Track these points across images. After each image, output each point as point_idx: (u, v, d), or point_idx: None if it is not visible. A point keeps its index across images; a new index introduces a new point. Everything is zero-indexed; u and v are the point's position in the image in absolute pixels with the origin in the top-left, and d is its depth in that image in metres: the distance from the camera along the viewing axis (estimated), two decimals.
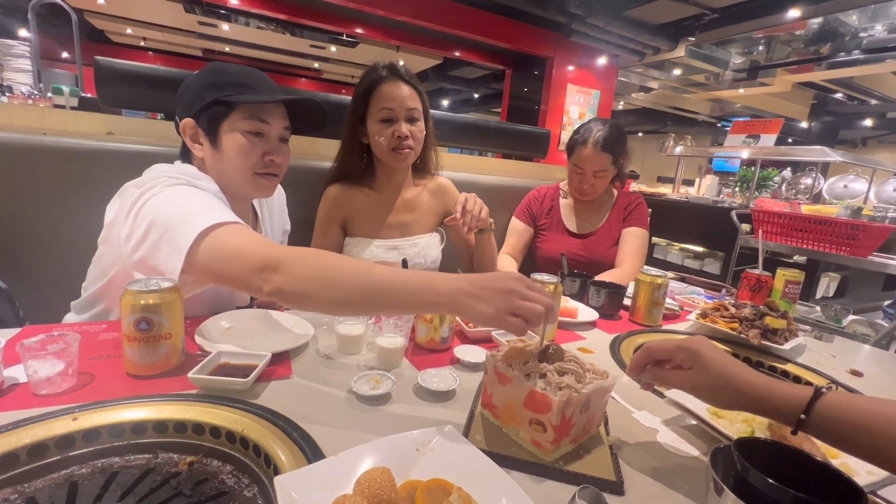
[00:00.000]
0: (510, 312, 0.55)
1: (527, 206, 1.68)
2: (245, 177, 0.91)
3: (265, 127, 0.91)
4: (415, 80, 1.23)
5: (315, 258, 0.65)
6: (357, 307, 0.64)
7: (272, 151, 0.93)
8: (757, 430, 0.58)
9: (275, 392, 0.66)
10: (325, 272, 0.63)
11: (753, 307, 1.07)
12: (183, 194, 0.78)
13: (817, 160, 4.48)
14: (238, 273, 0.67)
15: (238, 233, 0.72)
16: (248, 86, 0.90)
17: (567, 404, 0.53)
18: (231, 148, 0.89)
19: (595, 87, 5.51)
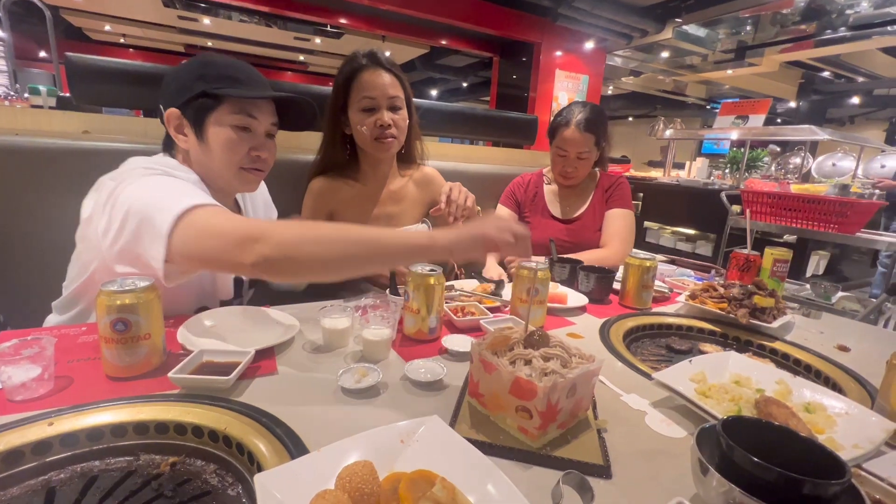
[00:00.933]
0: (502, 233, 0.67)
1: (511, 192, 1.67)
2: (230, 171, 0.90)
3: (253, 122, 0.89)
4: (396, 67, 1.20)
5: (297, 224, 0.67)
6: (351, 262, 0.65)
7: (259, 147, 0.91)
8: (744, 409, 0.58)
9: (259, 389, 0.65)
10: (311, 233, 0.65)
11: (742, 287, 1.07)
12: (158, 182, 0.77)
13: (806, 139, 4.49)
14: (220, 250, 0.66)
15: (217, 213, 0.71)
16: (238, 79, 0.88)
17: (553, 390, 0.53)
18: (217, 142, 0.87)
19: (583, 71, 5.47)
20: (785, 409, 0.55)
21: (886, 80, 7.01)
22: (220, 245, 0.66)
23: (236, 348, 0.71)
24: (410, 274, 0.83)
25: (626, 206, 1.58)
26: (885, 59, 6.38)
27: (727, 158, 5.56)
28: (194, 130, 0.87)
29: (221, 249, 0.66)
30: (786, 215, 2.41)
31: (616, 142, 4.95)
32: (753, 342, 0.98)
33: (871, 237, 2.32)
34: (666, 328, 1.05)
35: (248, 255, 0.63)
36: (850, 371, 0.82)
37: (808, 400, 0.64)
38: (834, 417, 0.60)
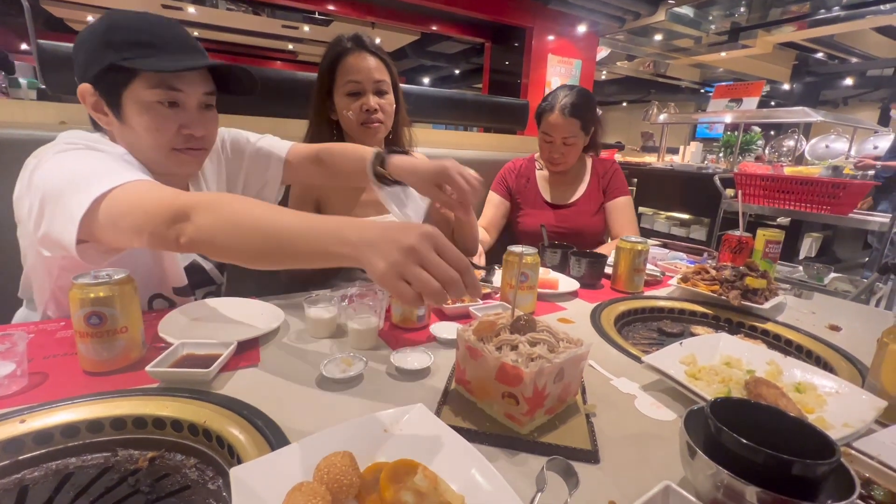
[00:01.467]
0: (402, 276, 0.47)
1: (503, 178, 1.65)
2: (161, 153, 0.79)
3: (179, 95, 0.77)
4: (381, 51, 1.18)
5: (227, 204, 0.59)
6: (265, 259, 0.57)
7: (190, 123, 0.79)
8: (734, 390, 0.57)
9: (241, 381, 0.63)
10: (232, 219, 0.57)
11: (733, 268, 1.06)
12: (77, 159, 0.69)
13: (799, 121, 4.49)
14: (148, 228, 0.60)
15: (143, 187, 0.64)
16: (152, 45, 0.74)
17: (539, 375, 0.52)
18: (138, 122, 0.76)
19: (576, 56, 5.40)
20: (775, 389, 0.54)
21: (880, 60, 6.97)
22: (148, 222, 0.60)
23: (217, 341, 0.69)
24: None
25: (626, 192, 1.60)
26: (878, 39, 6.35)
27: (721, 142, 5.54)
28: (111, 110, 0.76)
29: (149, 226, 0.60)
30: (779, 197, 2.40)
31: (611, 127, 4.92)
32: (745, 323, 0.97)
33: (863, 217, 2.32)
34: (658, 311, 1.04)
35: (179, 234, 0.58)
36: (840, 350, 0.81)
37: (798, 380, 0.63)
38: (824, 397, 0.59)
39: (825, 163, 4.88)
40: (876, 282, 1.64)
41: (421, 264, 0.47)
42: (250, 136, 1.05)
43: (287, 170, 1.05)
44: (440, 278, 0.47)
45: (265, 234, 0.56)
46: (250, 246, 0.57)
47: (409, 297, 0.47)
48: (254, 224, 0.57)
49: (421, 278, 0.46)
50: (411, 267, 0.47)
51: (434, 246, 0.48)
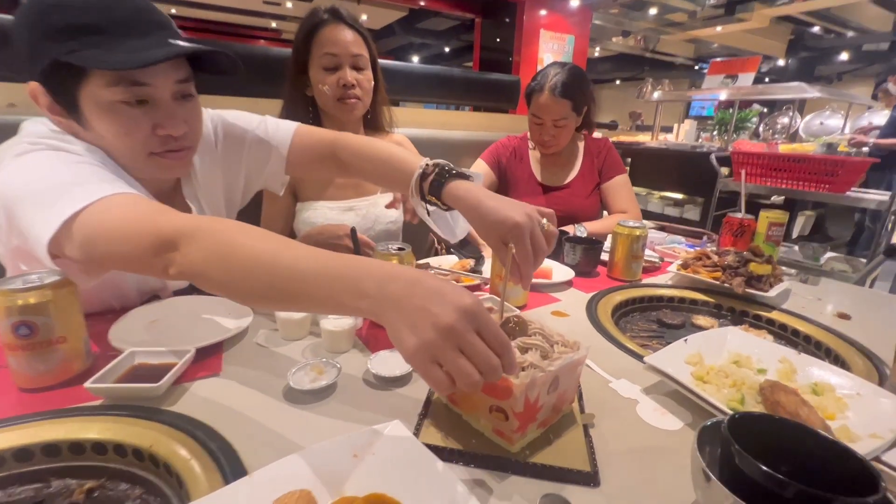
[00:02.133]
0: (435, 359, 0.39)
1: (495, 152, 1.56)
2: (136, 160, 0.67)
3: (146, 91, 0.63)
4: (359, 25, 1.10)
5: (220, 233, 0.49)
6: (267, 301, 0.49)
7: (165, 122, 0.66)
8: (747, 396, 0.52)
9: (198, 395, 0.56)
10: (227, 252, 0.47)
11: (737, 254, 1.00)
12: (41, 164, 0.59)
13: (795, 97, 4.40)
14: (130, 256, 0.52)
15: (121, 206, 0.54)
16: (100, 30, 0.59)
17: (531, 387, 0.45)
18: (102, 127, 0.63)
19: (569, 32, 5.24)
20: (794, 395, 0.48)
21: (876, 34, 6.87)
22: (130, 250, 0.51)
23: (174, 347, 0.62)
24: (375, 254, 0.75)
25: (623, 170, 1.55)
26: (875, 12, 6.23)
27: (715, 120, 5.46)
28: (68, 113, 0.63)
29: (132, 255, 0.52)
30: (776, 176, 2.35)
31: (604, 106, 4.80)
32: (749, 312, 0.92)
33: (861, 196, 2.28)
34: (657, 300, 0.98)
35: (164, 263, 0.50)
36: (853, 342, 0.76)
37: (814, 380, 0.58)
38: (844, 399, 0.54)
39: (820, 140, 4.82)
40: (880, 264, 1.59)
41: (459, 347, 0.39)
42: (250, 120, 0.87)
43: (291, 166, 0.89)
44: (479, 365, 0.39)
45: (267, 274, 0.46)
46: (249, 286, 0.47)
47: (441, 385, 0.39)
48: (253, 260, 0.46)
49: (458, 365, 0.38)
50: (448, 351, 0.38)
51: (475, 325, 0.39)
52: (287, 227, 1.20)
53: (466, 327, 0.39)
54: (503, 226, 0.61)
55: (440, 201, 0.70)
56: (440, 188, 0.69)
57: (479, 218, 0.64)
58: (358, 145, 0.83)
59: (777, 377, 0.60)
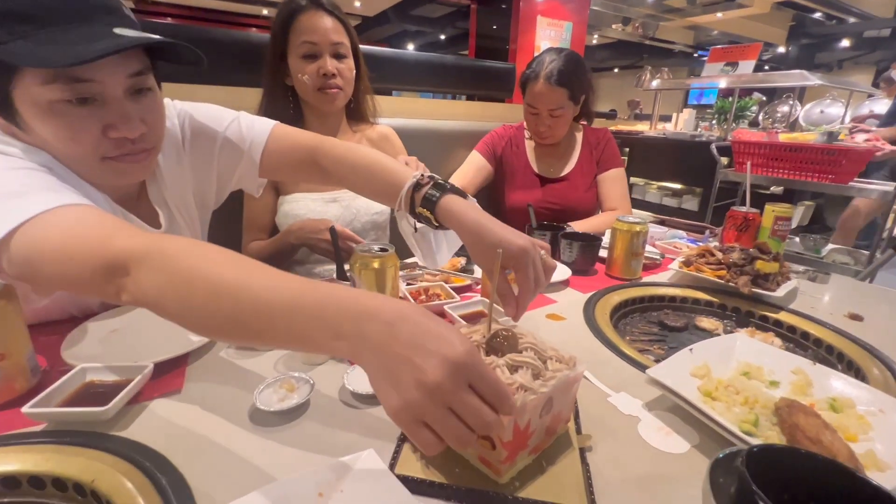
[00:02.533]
0: (421, 418, 0.34)
1: (490, 142, 1.50)
2: (88, 165, 0.60)
3: (91, 87, 0.55)
4: (340, 11, 1.05)
5: (168, 257, 0.42)
6: (226, 337, 0.43)
7: (118, 122, 0.58)
8: (761, 417, 0.47)
9: (155, 416, 0.51)
10: (185, 279, 0.41)
11: (742, 251, 0.95)
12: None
13: (796, 85, 4.32)
14: (78, 280, 0.46)
15: (66, 221, 0.47)
16: (30, 18, 0.51)
17: (521, 413, 0.40)
18: (44, 130, 0.55)
19: (566, 18, 5.13)
20: (814, 418, 0.43)
21: (878, 20, 6.77)
22: (77, 272, 0.45)
23: (132, 361, 0.57)
24: (355, 255, 0.69)
25: (619, 164, 1.49)
26: None
27: (714, 108, 5.37)
28: (3, 115, 0.56)
29: (79, 277, 0.45)
30: (778, 166, 2.29)
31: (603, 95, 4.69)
32: (755, 313, 0.87)
33: (864, 186, 2.23)
34: (658, 300, 0.93)
35: (115, 288, 0.44)
36: (867, 346, 0.71)
37: (832, 394, 0.53)
38: (866, 417, 0.49)
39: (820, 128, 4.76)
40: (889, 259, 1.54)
41: (449, 405, 0.34)
42: (222, 118, 0.79)
43: (266, 170, 0.81)
44: (472, 423, 0.34)
45: (230, 307, 0.40)
46: (209, 320, 0.41)
47: (429, 446, 0.35)
48: (213, 290, 0.40)
49: (446, 426, 0.34)
50: (435, 411, 0.34)
51: (468, 379, 0.34)
52: (271, 223, 1.15)
53: (457, 384, 0.34)
54: (507, 250, 0.56)
55: (433, 216, 0.63)
56: (435, 201, 0.62)
57: (479, 239, 0.59)
58: (341, 152, 0.75)
59: (791, 391, 0.55)
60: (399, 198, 0.65)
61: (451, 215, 0.61)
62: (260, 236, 1.14)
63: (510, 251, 0.56)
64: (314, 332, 0.38)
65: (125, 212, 0.68)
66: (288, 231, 1.04)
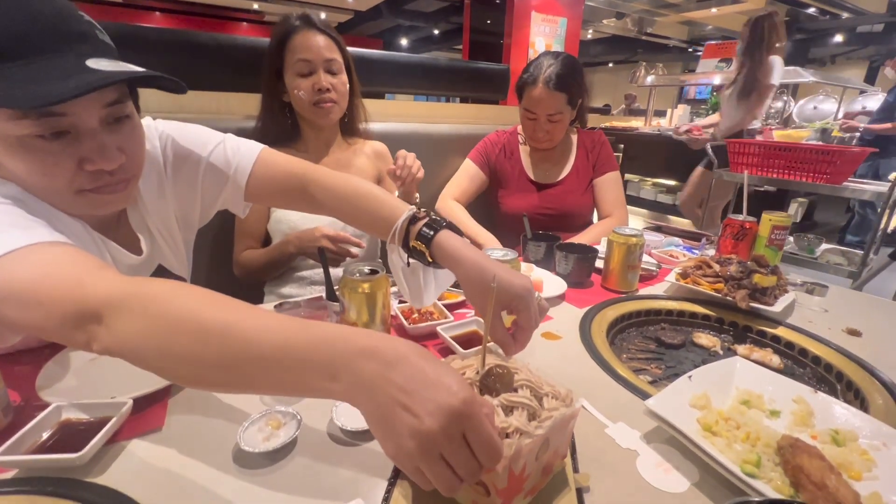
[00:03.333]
0: (415, 465, 0.35)
1: (484, 150, 1.48)
2: (63, 199, 0.56)
3: (65, 122, 0.51)
4: (331, 30, 1.11)
5: (154, 300, 0.40)
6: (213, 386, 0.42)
7: (94, 155, 0.54)
8: (763, 455, 0.45)
9: (134, 457, 0.49)
10: (159, 325, 0.39)
11: (740, 263, 0.93)
12: None
13: (790, 81, 4.34)
14: (46, 327, 0.43)
15: (35, 264, 0.44)
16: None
17: (516, 459, 0.38)
18: (15, 166, 0.52)
19: (561, 14, 5.08)
20: (818, 460, 0.42)
21: (871, 15, 6.78)
22: (44, 319, 0.42)
23: (111, 395, 0.54)
24: (344, 278, 0.67)
25: (615, 167, 1.48)
26: None
27: (708, 105, 5.37)
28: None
29: (46, 325, 0.42)
30: (773, 165, 2.28)
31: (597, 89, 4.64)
32: (753, 328, 0.86)
33: (859, 186, 2.22)
34: (655, 314, 0.92)
35: (86, 337, 0.41)
36: (867, 366, 0.70)
37: (835, 425, 0.52)
38: (869, 452, 0.48)
39: (813, 125, 4.77)
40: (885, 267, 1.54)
41: (442, 454, 0.34)
42: (207, 141, 0.74)
43: (252, 195, 0.77)
44: (461, 472, 0.35)
45: (219, 349, 0.37)
46: (194, 364, 0.39)
47: (423, 484, 0.36)
48: (201, 329, 0.38)
49: (436, 472, 0.35)
50: (428, 461, 0.34)
51: (463, 428, 0.34)
52: (263, 231, 1.16)
53: (452, 435, 0.34)
54: (508, 292, 0.54)
55: (428, 252, 0.61)
56: (431, 237, 0.60)
57: (478, 278, 0.56)
58: (332, 182, 0.72)
59: (793, 421, 0.54)
60: (393, 230, 0.63)
61: (448, 253, 0.59)
62: (252, 244, 1.14)
63: (512, 291, 0.54)
64: (307, 373, 0.37)
65: (104, 239, 0.65)
66: (286, 241, 1.06)
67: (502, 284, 0.54)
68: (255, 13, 8.85)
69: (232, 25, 8.93)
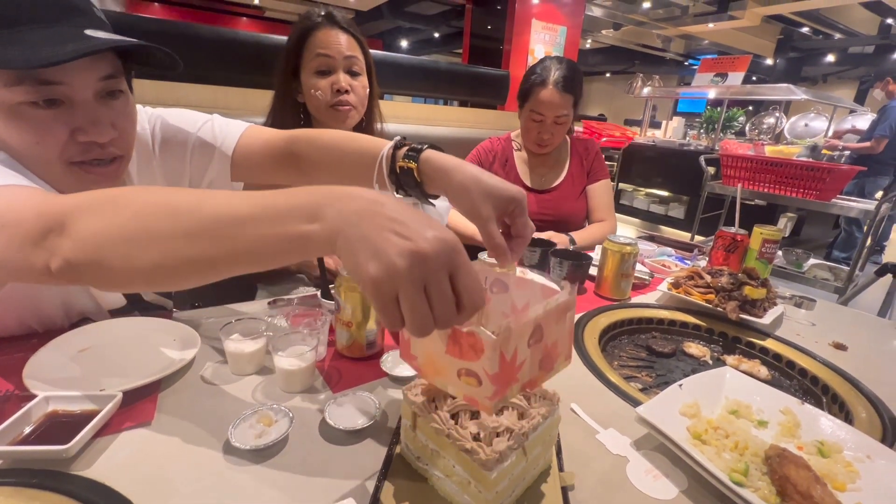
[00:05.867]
0: (397, 291, 0.32)
1: (477, 160, 1.48)
2: (54, 171, 0.56)
3: (59, 90, 0.53)
4: (356, 29, 1.05)
5: (117, 196, 0.40)
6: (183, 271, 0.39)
7: (87, 127, 0.55)
8: (751, 465, 0.46)
9: (121, 451, 0.48)
10: (128, 215, 0.38)
11: (731, 275, 0.95)
12: None
13: (783, 98, 4.41)
14: (5, 255, 0.41)
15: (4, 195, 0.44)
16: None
17: (505, 342, 0.36)
18: (7, 133, 0.53)
19: (561, 22, 5.13)
20: (805, 470, 0.43)
21: (863, 37, 6.94)
22: (4, 245, 0.41)
23: (102, 386, 0.54)
24: (340, 277, 0.67)
25: (607, 174, 1.51)
26: (863, 15, 6.28)
27: (703, 118, 5.45)
28: None
29: (6, 253, 0.41)
30: (764, 179, 2.32)
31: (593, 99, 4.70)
32: (742, 339, 0.87)
33: (846, 204, 2.27)
34: (646, 322, 0.93)
35: (50, 255, 0.39)
36: (852, 380, 0.71)
37: (820, 437, 0.53)
38: (854, 464, 0.49)
39: (804, 142, 4.86)
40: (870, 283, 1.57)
41: (425, 285, 0.32)
42: (195, 121, 0.76)
43: (239, 169, 0.77)
44: (438, 315, 0.33)
45: (189, 222, 0.37)
46: (164, 246, 0.37)
47: (394, 324, 0.33)
48: (171, 210, 0.38)
49: (416, 308, 0.32)
50: (412, 287, 0.32)
51: (452, 265, 0.33)
52: None
53: (442, 265, 0.32)
54: (503, 196, 0.51)
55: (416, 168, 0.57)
56: (419, 152, 0.57)
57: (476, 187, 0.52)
58: (316, 134, 0.71)
59: (780, 431, 0.55)
60: (380, 157, 0.59)
61: (438, 165, 0.56)
62: None
63: (507, 195, 0.51)
64: (286, 220, 0.36)
65: None
66: None
67: (498, 188, 0.52)
68: (255, 8, 8.81)
69: (231, 20, 8.87)
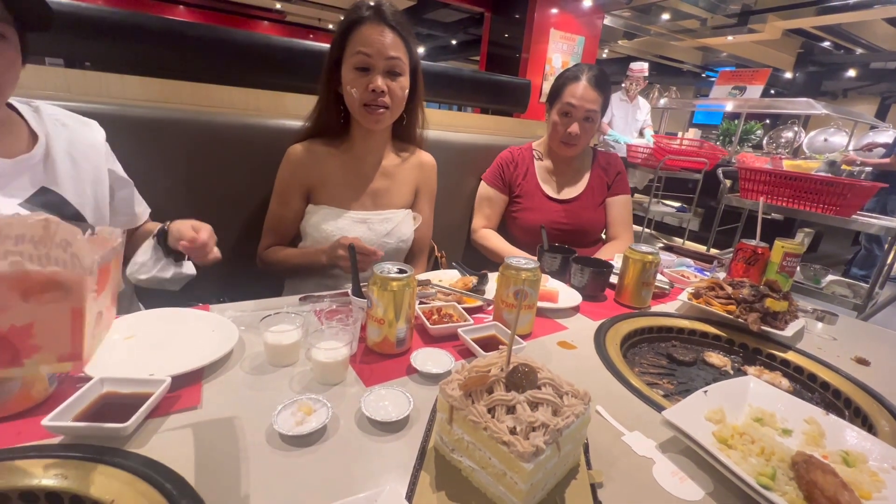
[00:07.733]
0: None
1: (498, 170, 1.50)
2: None
3: None
4: (404, 27, 1.01)
5: None
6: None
7: None
8: (778, 471, 0.47)
9: (172, 433, 0.51)
10: None
11: (752, 287, 0.95)
12: None
13: (802, 113, 4.37)
14: None
15: None
16: None
17: None
18: None
19: (579, 32, 5.16)
20: (832, 476, 0.44)
21: (885, 52, 6.85)
22: None
23: (150, 371, 0.57)
24: (375, 276, 0.69)
25: (627, 191, 1.53)
26: (886, 30, 6.21)
27: (720, 130, 5.41)
28: None
29: None
30: (782, 193, 2.31)
31: None
32: (763, 351, 0.87)
33: (868, 220, 2.24)
34: (666, 331, 0.93)
35: None
36: (875, 394, 0.72)
37: (845, 447, 0.54)
38: (879, 474, 0.49)
39: (822, 157, 4.80)
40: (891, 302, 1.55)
41: None
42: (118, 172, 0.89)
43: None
44: None
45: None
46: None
47: None
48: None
49: None
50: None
51: None
52: (295, 232, 1.13)
53: None
54: None
55: None
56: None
57: None
58: None
59: (805, 441, 0.55)
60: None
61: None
62: (281, 243, 1.11)
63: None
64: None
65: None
66: (319, 251, 1.01)
67: None
68: (277, 13, 8.99)
69: (253, 23, 9.06)
